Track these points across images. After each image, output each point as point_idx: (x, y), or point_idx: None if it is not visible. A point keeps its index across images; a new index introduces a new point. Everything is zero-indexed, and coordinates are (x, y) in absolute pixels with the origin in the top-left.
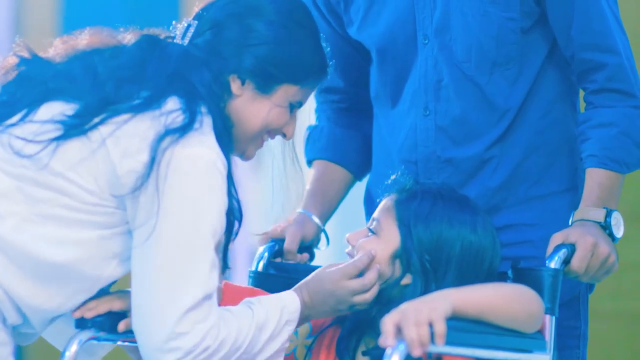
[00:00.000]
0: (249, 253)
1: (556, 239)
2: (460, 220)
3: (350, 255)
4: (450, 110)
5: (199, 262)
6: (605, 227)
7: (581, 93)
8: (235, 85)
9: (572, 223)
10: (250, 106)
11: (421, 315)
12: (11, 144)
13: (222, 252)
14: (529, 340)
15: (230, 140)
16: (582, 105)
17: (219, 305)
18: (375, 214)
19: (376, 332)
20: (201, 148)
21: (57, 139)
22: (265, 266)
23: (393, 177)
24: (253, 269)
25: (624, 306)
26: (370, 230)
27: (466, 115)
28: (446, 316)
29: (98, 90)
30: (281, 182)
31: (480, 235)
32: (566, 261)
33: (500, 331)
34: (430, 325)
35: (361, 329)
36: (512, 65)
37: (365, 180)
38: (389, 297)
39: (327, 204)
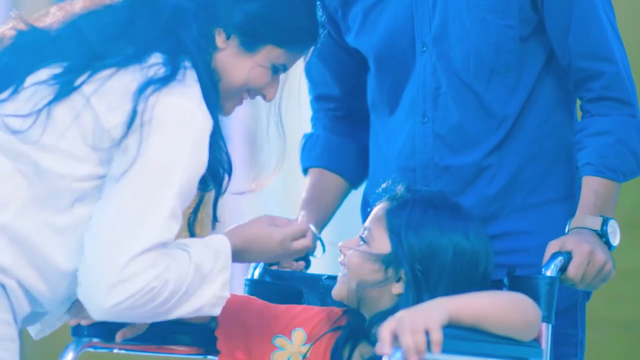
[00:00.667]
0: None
1: (553, 246)
2: (452, 228)
3: (342, 264)
4: (448, 118)
5: (161, 208)
6: (602, 235)
7: (577, 102)
8: (220, 39)
9: (568, 231)
10: (232, 62)
11: (417, 323)
12: (5, 122)
13: (212, 206)
14: (526, 348)
15: (217, 93)
16: (579, 114)
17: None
18: (367, 223)
19: (370, 341)
20: (183, 99)
21: (49, 103)
22: (262, 274)
23: (384, 185)
24: (249, 276)
25: (621, 314)
26: (361, 239)
27: (464, 123)
28: (442, 324)
29: (84, 48)
30: (263, 143)
31: (472, 242)
32: (562, 269)
33: (496, 339)
34: (427, 333)
35: (356, 337)
36: (511, 73)
37: (362, 188)
38: (380, 305)
39: (323, 212)
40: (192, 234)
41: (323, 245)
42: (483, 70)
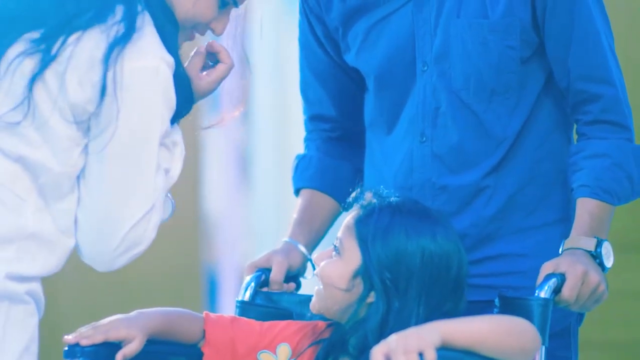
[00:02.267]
0: (237, 283)
1: (546, 268)
2: (418, 231)
3: (317, 275)
4: (447, 137)
5: (148, 170)
6: (596, 256)
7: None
8: None
9: (562, 252)
10: None
11: (410, 345)
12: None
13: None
14: None
15: (174, 26)
16: (575, 138)
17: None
18: (339, 233)
19: (349, 353)
20: (146, 57)
21: (34, 77)
22: (252, 295)
23: (354, 194)
24: (240, 298)
25: (614, 336)
26: (335, 249)
27: (463, 143)
28: (436, 346)
29: (59, 9)
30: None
31: (441, 244)
32: (556, 290)
33: None
34: (421, 355)
35: (336, 350)
36: (511, 94)
37: None
38: (356, 316)
39: (314, 233)
40: None
41: (313, 267)
42: (483, 90)
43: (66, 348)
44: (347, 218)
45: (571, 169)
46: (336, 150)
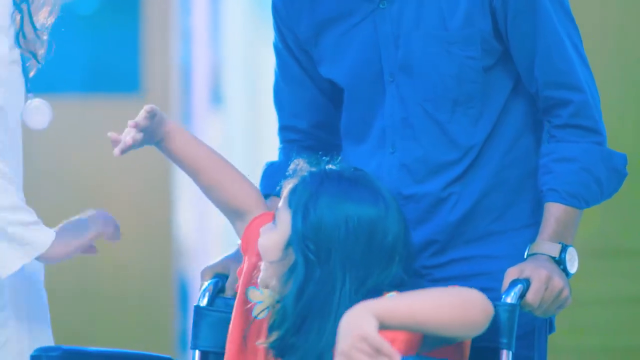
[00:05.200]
0: None
1: (511, 273)
2: (344, 198)
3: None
4: (413, 148)
5: None
6: (560, 262)
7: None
8: None
9: (527, 256)
10: None
11: (354, 343)
12: None
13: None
14: None
15: None
16: None
17: None
18: (279, 204)
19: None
20: None
21: None
22: (210, 301)
23: (293, 165)
24: (198, 304)
25: (583, 342)
26: (273, 221)
27: (428, 154)
28: (376, 329)
29: None
30: None
31: (366, 211)
32: (522, 296)
33: None
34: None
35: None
36: (474, 103)
37: None
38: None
39: None
40: None
41: None
42: (446, 101)
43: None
44: (285, 188)
45: (540, 171)
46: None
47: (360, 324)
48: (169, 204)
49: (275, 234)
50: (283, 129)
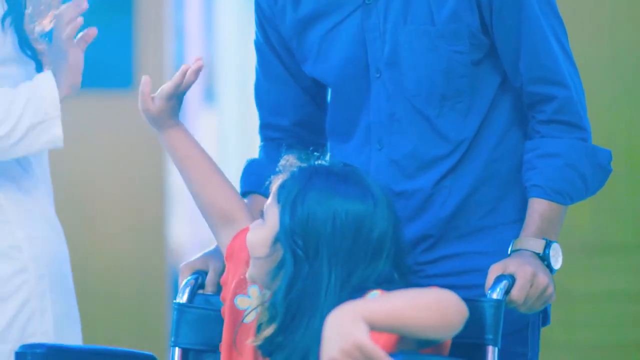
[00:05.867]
0: None
1: (495, 269)
2: (332, 193)
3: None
4: (402, 144)
5: None
6: (544, 258)
7: None
8: None
9: (510, 252)
10: None
11: (346, 348)
12: None
13: None
14: None
15: None
16: None
17: None
18: (268, 199)
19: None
20: None
21: None
22: (190, 298)
23: (283, 161)
24: (178, 300)
25: (577, 337)
26: (261, 216)
27: (418, 149)
28: (367, 334)
29: None
30: None
31: (354, 206)
32: (507, 291)
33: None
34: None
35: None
36: (463, 98)
37: None
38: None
39: None
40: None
41: None
42: (434, 96)
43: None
44: (273, 183)
45: (525, 166)
46: None
47: (351, 330)
48: (162, 200)
49: (263, 230)
50: (264, 126)
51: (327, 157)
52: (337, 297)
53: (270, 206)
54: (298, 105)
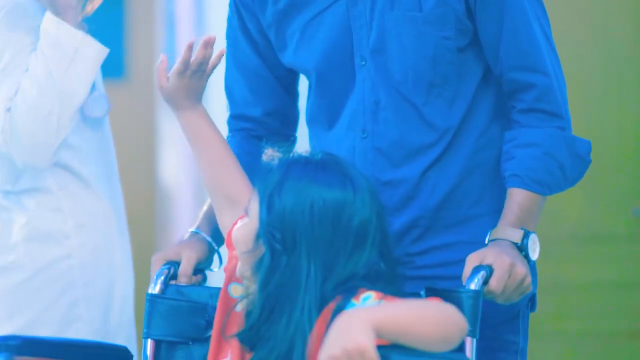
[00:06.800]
0: None
1: (473, 260)
2: (309, 183)
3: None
4: (388, 132)
5: None
6: (522, 248)
7: None
8: None
9: (488, 242)
10: None
11: (349, 350)
12: None
13: None
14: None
15: None
16: None
17: None
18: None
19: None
20: None
21: None
22: (163, 289)
23: (264, 154)
24: (150, 291)
25: (567, 326)
26: (246, 211)
27: (404, 137)
28: (373, 343)
29: None
30: None
31: (333, 195)
32: (484, 282)
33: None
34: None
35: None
36: (449, 85)
37: None
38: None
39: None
40: None
41: (220, 259)
42: (421, 83)
43: None
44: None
45: (503, 157)
46: (255, 149)
47: (358, 335)
48: (153, 190)
49: (246, 226)
50: (234, 117)
51: (308, 148)
52: (320, 289)
53: (252, 201)
54: (271, 95)
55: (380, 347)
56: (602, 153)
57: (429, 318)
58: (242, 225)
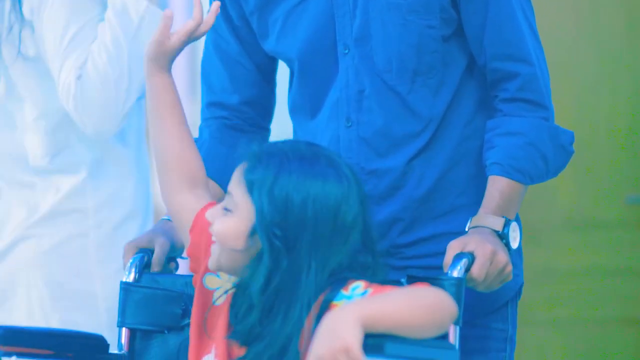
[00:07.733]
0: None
1: (454, 247)
2: (309, 176)
3: (213, 234)
4: (373, 121)
5: None
6: (502, 236)
7: None
8: None
9: (468, 229)
10: None
11: (335, 349)
12: None
13: None
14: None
15: None
16: None
17: None
18: (229, 187)
19: (234, 314)
20: None
21: None
22: (137, 277)
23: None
24: (124, 279)
25: (560, 314)
26: (225, 207)
27: (389, 126)
28: (360, 341)
29: None
30: None
31: (331, 190)
32: (466, 269)
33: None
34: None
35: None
36: (434, 74)
37: None
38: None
39: None
40: None
41: None
42: (405, 72)
43: None
44: (236, 170)
45: (485, 146)
46: (229, 139)
47: (344, 334)
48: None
49: (233, 220)
50: (210, 105)
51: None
52: (315, 284)
53: (237, 195)
54: (250, 83)
55: (374, 336)
56: (595, 140)
57: (418, 307)
58: (225, 219)
